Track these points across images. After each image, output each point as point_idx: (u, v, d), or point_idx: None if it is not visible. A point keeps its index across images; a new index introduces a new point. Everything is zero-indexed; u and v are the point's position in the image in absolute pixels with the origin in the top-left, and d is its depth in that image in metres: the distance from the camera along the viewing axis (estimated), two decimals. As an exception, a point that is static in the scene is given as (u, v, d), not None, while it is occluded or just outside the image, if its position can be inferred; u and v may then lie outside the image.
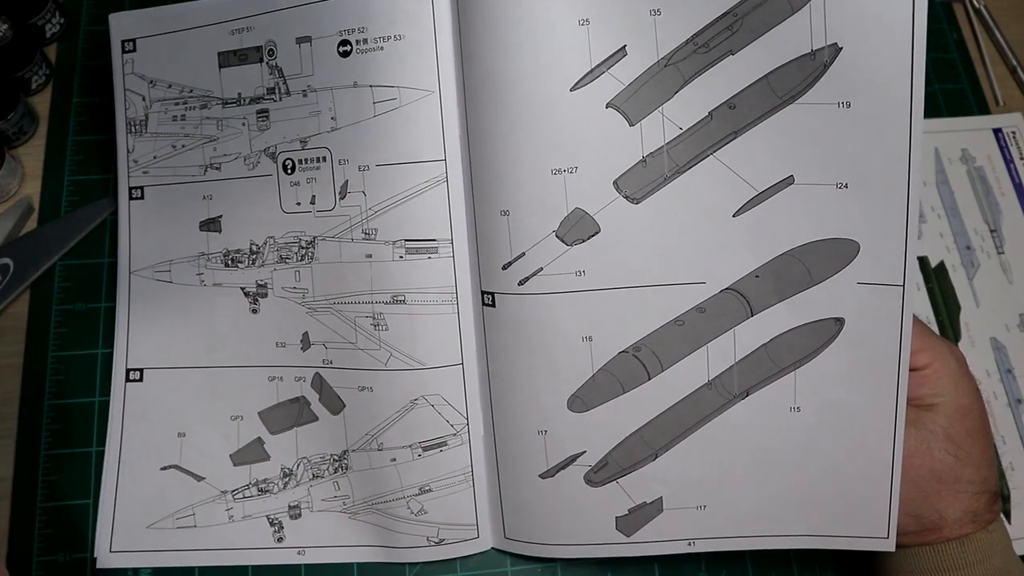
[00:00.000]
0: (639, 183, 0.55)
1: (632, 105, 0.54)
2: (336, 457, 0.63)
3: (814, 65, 0.53)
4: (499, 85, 0.56)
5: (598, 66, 0.54)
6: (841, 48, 0.52)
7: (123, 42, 0.67)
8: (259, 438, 0.64)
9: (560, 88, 0.54)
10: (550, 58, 0.54)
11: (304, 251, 0.62)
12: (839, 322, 0.55)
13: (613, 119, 0.54)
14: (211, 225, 0.65)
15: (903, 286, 0.54)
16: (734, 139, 0.54)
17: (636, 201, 0.55)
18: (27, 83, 0.73)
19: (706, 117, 0.54)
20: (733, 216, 0.55)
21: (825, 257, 0.55)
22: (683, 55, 0.54)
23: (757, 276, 0.55)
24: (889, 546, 0.56)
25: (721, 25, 0.53)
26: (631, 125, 0.55)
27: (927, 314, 0.72)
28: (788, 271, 0.55)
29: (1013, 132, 0.78)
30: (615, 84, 0.54)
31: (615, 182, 0.55)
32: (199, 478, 0.64)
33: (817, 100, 0.53)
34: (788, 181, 0.54)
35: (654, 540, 0.59)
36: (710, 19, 0.53)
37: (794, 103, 0.53)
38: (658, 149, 0.55)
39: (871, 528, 0.57)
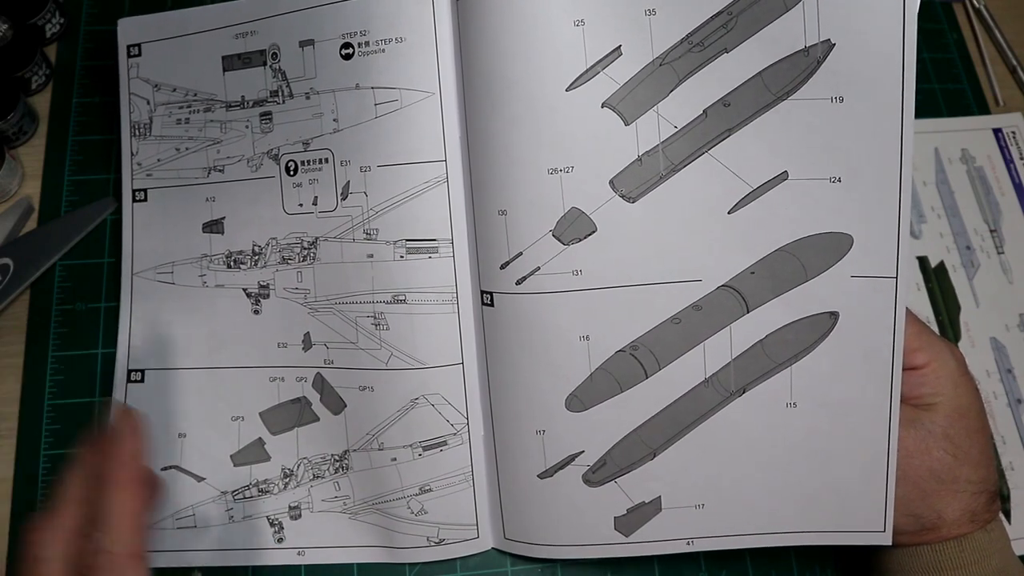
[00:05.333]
0: (635, 182, 0.55)
1: (627, 104, 0.54)
2: (337, 457, 0.63)
3: (807, 61, 0.53)
4: (496, 86, 0.56)
5: (593, 66, 0.54)
6: (834, 44, 0.53)
7: (128, 46, 0.67)
8: (260, 439, 0.64)
9: (556, 88, 0.55)
10: (546, 59, 0.55)
11: (306, 252, 0.62)
12: (833, 316, 0.55)
13: (609, 119, 0.55)
14: (214, 227, 0.65)
15: (896, 278, 0.55)
16: (728, 136, 0.54)
17: (632, 200, 0.55)
18: (27, 83, 0.73)
19: (701, 115, 0.54)
20: (728, 213, 0.55)
21: (819, 251, 0.55)
22: (678, 54, 0.54)
23: (752, 272, 0.55)
24: (885, 540, 0.56)
25: (716, 23, 0.53)
26: (626, 124, 0.55)
27: (927, 314, 0.72)
28: (783, 266, 0.55)
29: (1013, 132, 0.78)
30: (610, 84, 0.54)
31: (611, 181, 0.55)
32: (199, 478, 0.64)
33: (810, 96, 0.53)
34: (782, 177, 0.55)
35: (653, 540, 0.59)
36: (705, 18, 0.54)
37: (788, 99, 0.54)
38: (653, 148, 0.55)
39: (867, 523, 0.57)
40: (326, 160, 0.61)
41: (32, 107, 0.73)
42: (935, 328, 0.72)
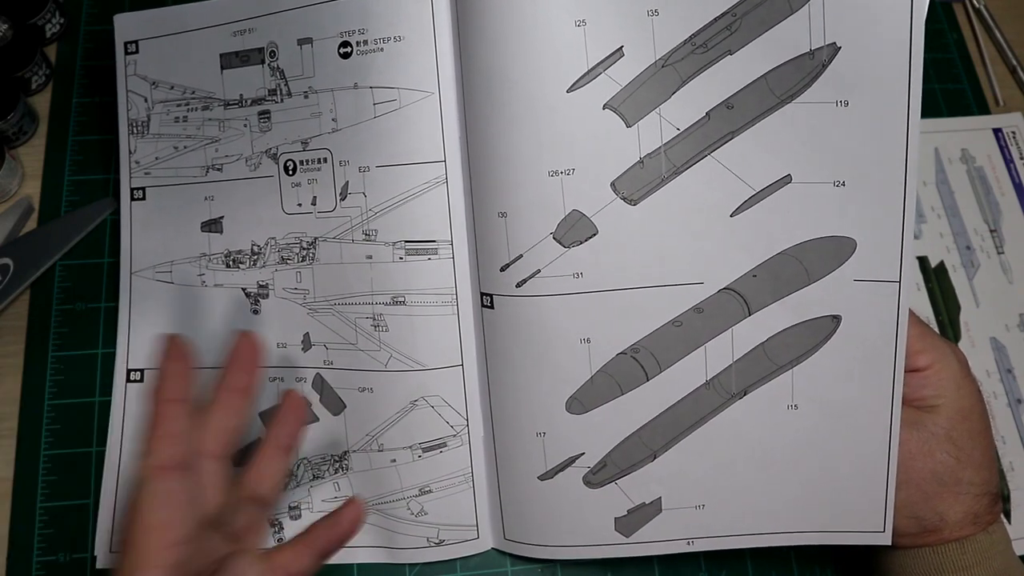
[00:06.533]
0: (637, 184, 0.55)
1: (629, 106, 0.54)
2: (336, 458, 0.63)
3: (812, 64, 0.53)
4: (496, 86, 0.56)
5: (595, 67, 0.54)
6: (840, 48, 0.52)
7: (126, 44, 0.67)
8: (260, 439, 0.64)
9: (557, 89, 0.54)
10: (546, 59, 0.54)
11: (305, 252, 0.62)
12: (836, 319, 0.55)
13: (610, 120, 0.54)
14: (212, 226, 0.65)
15: (899, 282, 0.55)
16: (732, 139, 0.54)
17: (634, 202, 0.55)
18: (27, 83, 0.73)
19: (704, 117, 0.54)
20: (731, 216, 0.55)
21: (822, 255, 0.55)
22: (681, 55, 0.54)
23: (754, 276, 0.55)
24: (885, 540, 0.57)
25: (720, 25, 0.53)
26: (628, 126, 0.54)
27: (927, 314, 0.72)
28: (785, 270, 0.55)
29: (1013, 132, 0.78)
30: (612, 85, 0.54)
31: (612, 183, 0.55)
32: (199, 478, 0.64)
33: (815, 99, 0.53)
34: (785, 180, 0.54)
35: (653, 540, 0.59)
36: (708, 19, 0.53)
37: (792, 102, 0.53)
38: (656, 150, 0.55)
39: (867, 523, 0.57)
40: (325, 160, 0.61)
41: (32, 107, 0.73)
42: (935, 328, 0.72)
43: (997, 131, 0.78)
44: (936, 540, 0.55)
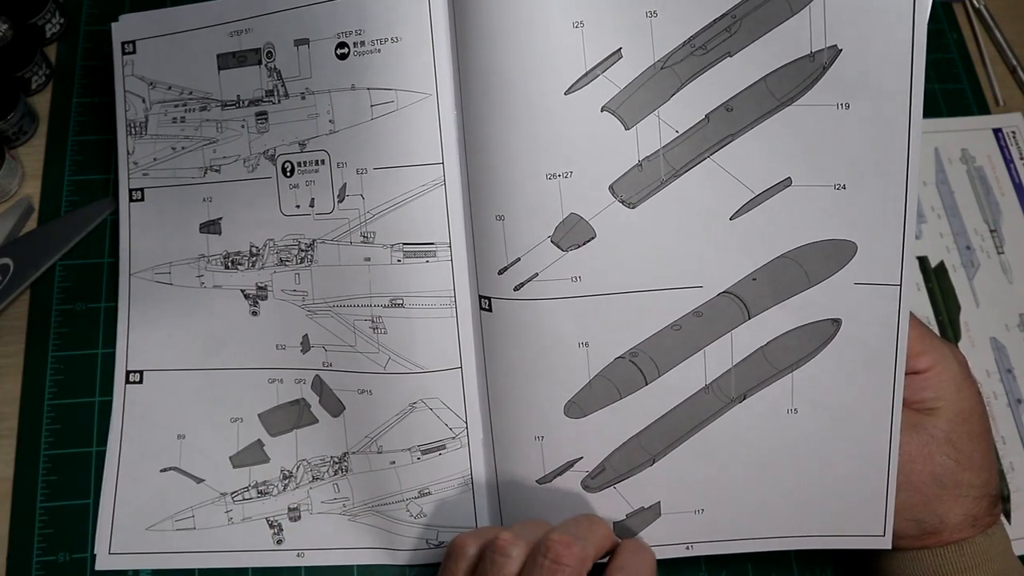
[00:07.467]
0: (635, 187, 0.55)
1: (628, 108, 0.54)
2: (336, 459, 0.63)
3: (813, 67, 0.53)
4: (494, 88, 0.55)
5: (593, 69, 0.54)
6: (840, 50, 0.52)
7: (123, 44, 0.67)
8: (259, 440, 0.64)
9: (554, 91, 0.54)
10: (544, 61, 0.54)
11: (303, 254, 0.62)
12: (836, 323, 0.55)
13: (608, 123, 0.54)
14: (211, 227, 0.65)
15: (900, 285, 0.54)
16: (731, 142, 0.54)
17: (632, 205, 0.55)
18: (27, 83, 0.73)
19: (703, 120, 0.54)
20: (730, 219, 0.55)
21: (822, 258, 0.55)
22: (679, 57, 0.54)
23: (754, 279, 0.55)
24: (885, 544, 0.56)
25: (719, 27, 0.53)
26: (627, 129, 0.54)
27: (927, 314, 0.72)
28: (785, 273, 0.55)
29: (1013, 132, 0.78)
30: (611, 87, 0.54)
31: (611, 186, 0.55)
32: (199, 480, 0.64)
33: (815, 102, 0.53)
34: (786, 183, 0.54)
35: (652, 544, 0.58)
36: (708, 21, 0.53)
37: (792, 105, 0.53)
38: (654, 153, 0.54)
39: (867, 527, 0.57)
40: (322, 161, 0.61)
41: (32, 107, 0.73)
42: (935, 328, 0.72)
43: (997, 131, 0.78)
44: (935, 542, 0.55)
